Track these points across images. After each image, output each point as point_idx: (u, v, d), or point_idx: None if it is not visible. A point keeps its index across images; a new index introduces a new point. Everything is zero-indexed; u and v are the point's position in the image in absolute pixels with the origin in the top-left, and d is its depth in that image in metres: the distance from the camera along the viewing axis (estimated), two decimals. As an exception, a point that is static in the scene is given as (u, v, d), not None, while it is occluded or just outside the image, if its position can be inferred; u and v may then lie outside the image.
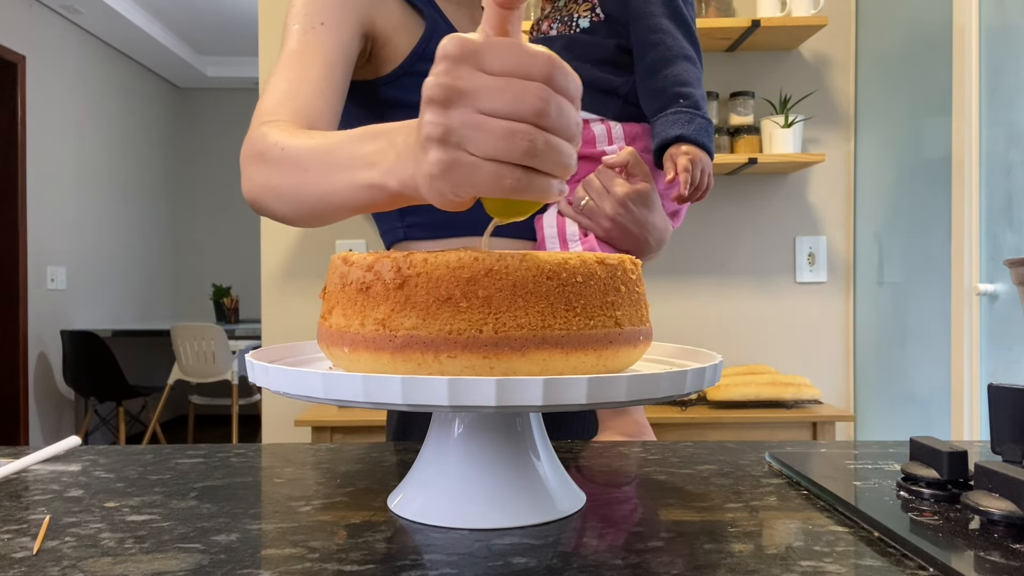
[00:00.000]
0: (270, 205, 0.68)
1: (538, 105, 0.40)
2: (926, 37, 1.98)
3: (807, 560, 0.41)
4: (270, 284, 2.40)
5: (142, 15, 4.92)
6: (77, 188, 4.79)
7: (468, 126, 0.41)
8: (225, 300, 5.15)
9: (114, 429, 4.61)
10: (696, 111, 0.86)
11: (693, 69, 0.88)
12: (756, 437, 2.09)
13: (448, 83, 0.41)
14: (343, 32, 0.80)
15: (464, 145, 0.41)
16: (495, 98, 0.40)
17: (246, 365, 0.50)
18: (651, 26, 0.88)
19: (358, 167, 0.55)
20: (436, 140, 0.42)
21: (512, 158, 0.41)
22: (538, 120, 0.41)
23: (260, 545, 0.43)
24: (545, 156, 0.41)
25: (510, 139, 0.40)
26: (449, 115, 0.41)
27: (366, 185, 0.54)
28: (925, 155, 1.98)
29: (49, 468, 0.62)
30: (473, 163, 0.41)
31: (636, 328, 0.49)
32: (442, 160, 0.42)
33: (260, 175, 0.68)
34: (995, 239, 1.69)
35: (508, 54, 0.41)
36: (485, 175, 0.41)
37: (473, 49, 0.41)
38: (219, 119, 6.31)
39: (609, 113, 0.92)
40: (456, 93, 0.41)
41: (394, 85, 0.88)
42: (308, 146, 0.63)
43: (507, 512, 0.47)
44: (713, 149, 0.87)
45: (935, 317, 1.91)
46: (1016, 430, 0.52)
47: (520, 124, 0.40)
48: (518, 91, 0.40)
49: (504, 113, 0.40)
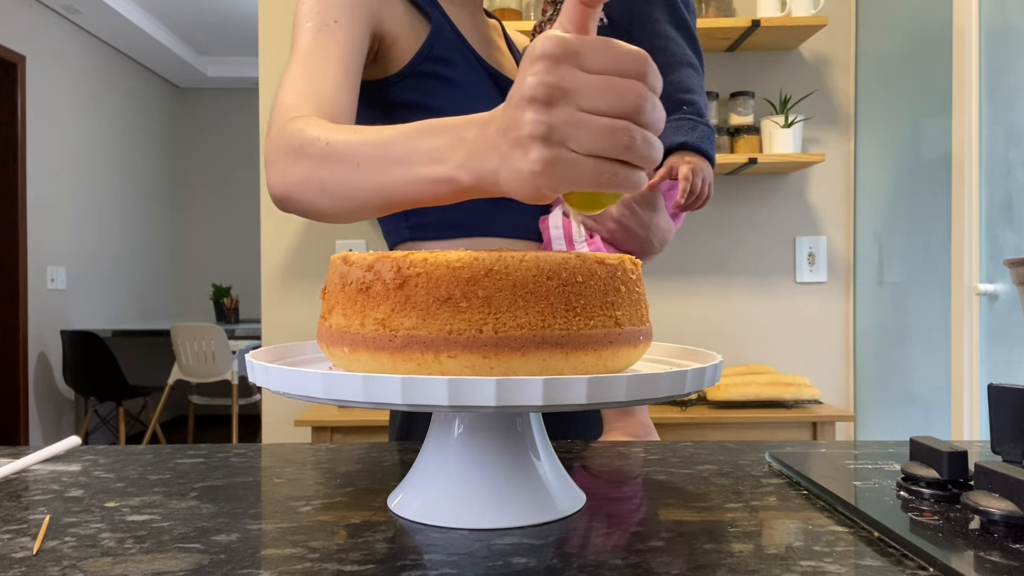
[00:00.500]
0: (311, 199, 0.67)
1: (637, 102, 0.42)
2: (926, 37, 1.98)
3: (807, 560, 0.41)
4: (270, 284, 2.40)
5: (142, 15, 4.92)
6: (77, 188, 4.79)
7: (571, 124, 0.42)
8: (225, 300, 5.15)
9: (114, 429, 4.61)
10: (699, 118, 0.87)
11: (696, 76, 0.90)
12: (756, 437, 2.09)
13: (551, 82, 0.42)
14: (355, 30, 0.81)
15: (566, 142, 0.42)
16: (597, 96, 0.42)
17: (246, 365, 0.50)
18: (655, 32, 0.90)
19: (420, 162, 0.56)
20: (540, 138, 0.43)
21: (612, 154, 0.42)
22: (636, 117, 0.42)
23: (260, 545, 0.43)
24: (641, 151, 0.42)
25: (611, 136, 0.42)
26: (552, 113, 0.42)
27: (432, 179, 0.55)
28: (925, 155, 1.98)
29: (49, 468, 0.62)
30: (575, 159, 0.42)
31: (636, 328, 0.49)
32: (545, 158, 0.43)
33: (299, 169, 0.67)
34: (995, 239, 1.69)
35: (606, 53, 0.42)
36: (585, 171, 0.42)
37: (574, 48, 0.42)
38: (219, 119, 6.31)
39: None
40: (559, 92, 0.42)
41: (401, 85, 0.88)
42: (357, 140, 0.63)
43: (507, 512, 0.47)
44: (715, 156, 0.88)
45: (935, 317, 1.91)
46: (1016, 430, 0.52)
47: (620, 121, 0.42)
48: (619, 89, 0.42)
49: (605, 111, 0.42)
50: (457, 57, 0.90)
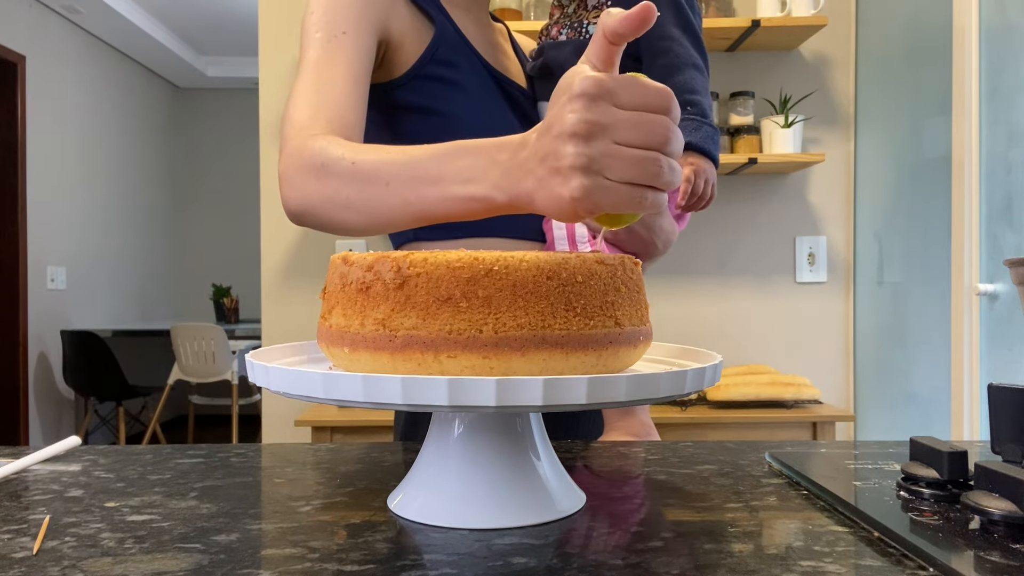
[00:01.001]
0: (333, 215, 0.71)
1: (665, 135, 0.47)
2: (926, 37, 1.98)
3: (807, 560, 0.41)
4: (270, 284, 2.40)
5: (142, 15, 4.92)
6: (77, 188, 4.79)
7: (608, 155, 0.47)
8: (225, 300, 5.15)
9: (114, 429, 4.61)
10: (703, 119, 0.87)
11: (700, 77, 0.90)
12: (756, 437, 2.09)
13: (591, 119, 0.47)
14: (363, 40, 0.82)
15: (604, 172, 0.47)
16: (630, 131, 0.47)
17: (246, 365, 0.50)
18: (660, 33, 0.90)
19: (452, 181, 0.60)
20: (580, 168, 0.48)
21: (643, 180, 0.47)
22: (664, 148, 0.47)
23: (260, 545, 0.43)
24: (666, 177, 0.48)
25: (643, 166, 0.47)
26: (591, 147, 0.47)
27: (465, 198, 0.60)
28: (925, 155, 1.98)
29: (49, 468, 0.62)
30: (611, 187, 0.47)
31: (636, 328, 0.49)
32: (585, 186, 0.47)
33: (323, 187, 0.70)
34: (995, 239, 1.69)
35: (636, 91, 0.47)
36: (620, 196, 0.48)
37: (608, 88, 0.47)
38: (219, 119, 6.31)
39: None
40: (598, 128, 0.47)
41: (405, 88, 0.89)
42: (385, 160, 0.67)
43: (507, 512, 0.47)
44: (718, 157, 0.89)
45: (935, 317, 1.91)
46: (1016, 430, 0.52)
47: (650, 152, 0.47)
48: (649, 124, 0.47)
49: (638, 143, 0.47)
50: (461, 60, 0.91)
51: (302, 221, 0.74)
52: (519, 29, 2.10)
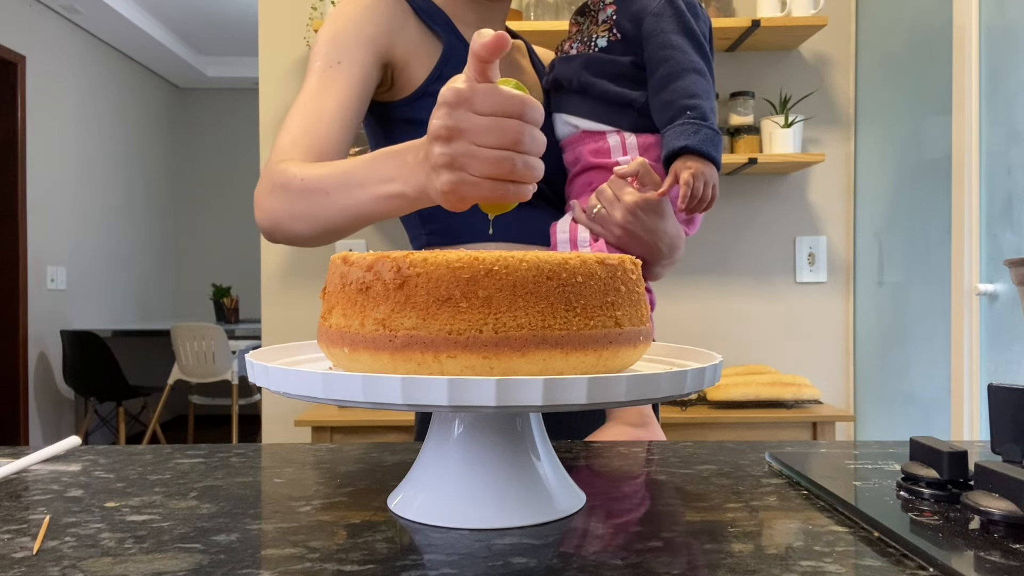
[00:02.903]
0: (291, 227, 0.80)
1: (516, 137, 0.55)
2: (926, 37, 1.98)
3: (807, 560, 0.41)
4: (270, 284, 2.40)
5: (142, 15, 4.92)
6: (77, 188, 4.79)
7: (467, 155, 0.56)
8: (225, 300, 5.14)
9: (114, 429, 4.61)
10: (703, 122, 0.88)
11: (702, 81, 0.91)
12: (756, 437, 2.09)
13: (450, 124, 0.55)
14: (359, 69, 0.89)
15: (466, 169, 0.56)
16: (485, 134, 0.55)
17: (246, 365, 0.50)
18: (662, 43, 0.92)
19: (376, 183, 0.70)
20: (445, 166, 0.57)
21: (501, 176, 0.55)
22: (516, 148, 0.55)
23: (260, 545, 0.43)
24: (523, 172, 0.56)
25: (498, 164, 0.55)
26: (452, 147, 0.56)
27: (387, 196, 0.70)
28: (925, 155, 1.98)
29: (49, 468, 0.62)
30: (474, 182, 0.56)
31: (636, 328, 0.49)
32: (451, 181, 0.57)
33: (282, 203, 0.80)
34: (995, 239, 1.69)
35: (492, 98, 0.55)
36: (483, 189, 0.56)
37: (467, 97, 0.55)
38: (219, 119, 6.31)
39: (624, 125, 0.96)
40: (456, 132, 0.56)
41: (414, 107, 0.94)
42: (326, 173, 0.76)
43: (507, 512, 0.47)
44: (720, 159, 0.89)
45: (935, 317, 1.91)
46: (1016, 430, 0.52)
47: (504, 152, 0.55)
48: (502, 128, 0.55)
49: (493, 144, 0.55)
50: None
51: (273, 238, 0.82)
52: (520, 29, 2.10)
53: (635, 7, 0.95)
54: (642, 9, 0.94)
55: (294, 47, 2.38)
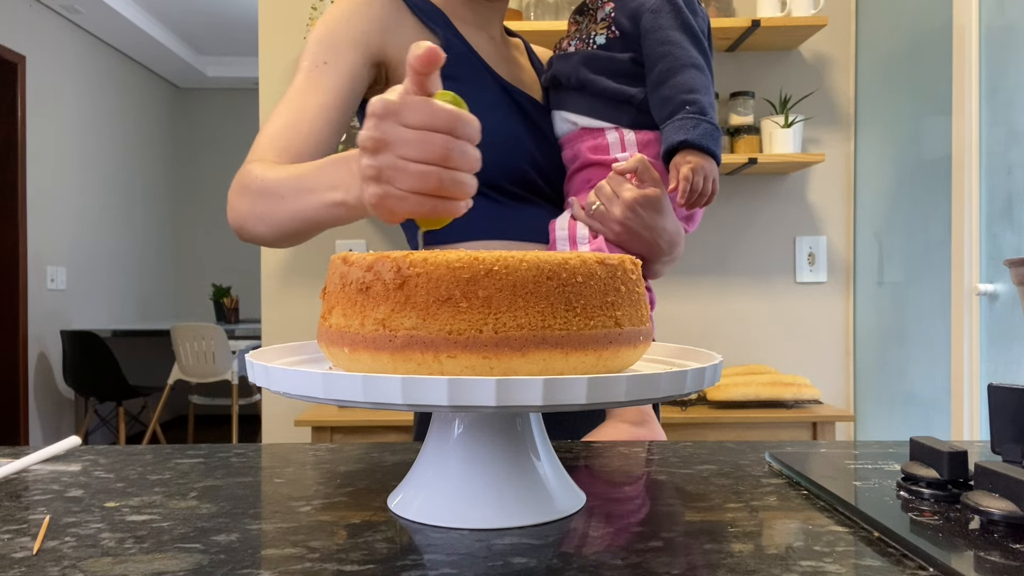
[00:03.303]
0: (253, 228, 0.80)
1: (443, 152, 0.53)
2: (926, 37, 1.98)
3: (807, 560, 0.41)
4: (270, 284, 2.40)
5: (142, 15, 4.92)
6: (77, 188, 4.79)
7: (392, 168, 0.54)
8: (225, 300, 5.14)
9: (114, 429, 4.61)
10: (701, 116, 0.88)
11: (700, 76, 0.91)
12: (756, 437, 2.09)
13: (376, 136, 0.54)
14: (346, 69, 0.89)
15: (392, 182, 0.54)
16: (411, 148, 0.53)
17: (246, 365, 0.50)
18: (660, 39, 0.92)
19: (323, 189, 0.70)
20: (371, 179, 0.55)
21: (427, 191, 0.54)
22: (444, 163, 0.53)
23: (260, 545, 0.43)
24: (451, 187, 0.54)
25: (424, 179, 0.53)
26: (378, 159, 0.54)
27: (332, 203, 0.69)
28: (925, 155, 1.98)
29: (49, 468, 0.62)
30: (400, 195, 0.54)
31: (636, 328, 0.49)
32: (377, 194, 0.56)
33: (244, 204, 0.80)
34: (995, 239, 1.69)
35: (420, 111, 0.53)
36: (409, 204, 0.54)
37: (395, 109, 0.53)
38: (219, 119, 6.31)
39: (624, 122, 0.96)
40: (382, 144, 0.54)
41: None
42: (283, 176, 0.76)
43: (507, 512, 0.47)
44: (720, 153, 0.89)
45: (935, 317, 1.91)
46: (1016, 430, 0.52)
47: (431, 167, 0.53)
48: (428, 143, 0.53)
49: (419, 159, 0.53)
50: (468, 74, 0.94)
51: (242, 236, 0.83)
52: (520, 29, 2.10)
53: (633, 4, 0.95)
54: (640, 6, 0.94)
55: (294, 47, 2.38)
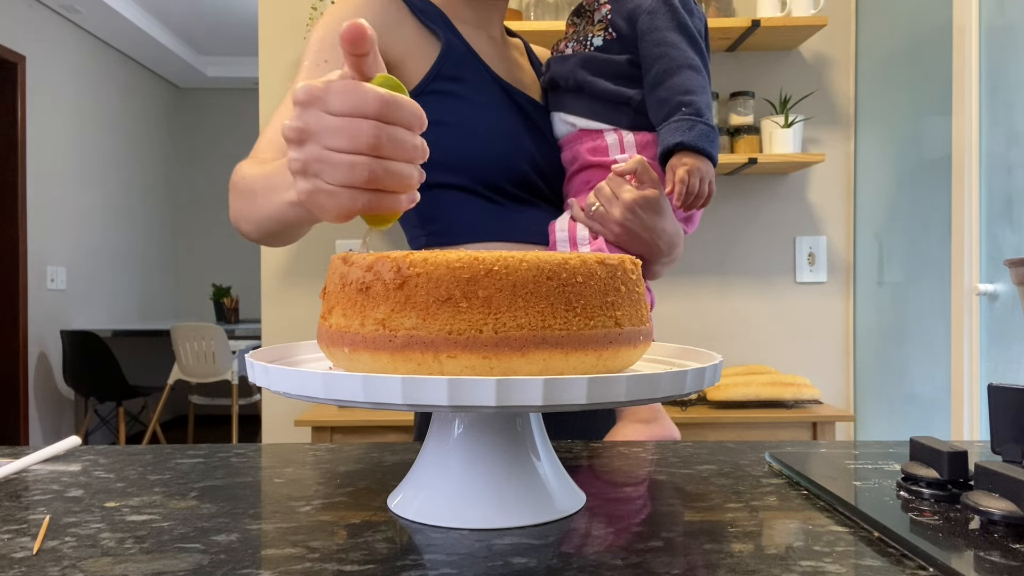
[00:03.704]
0: (242, 227, 0.80)
1: (371, 141, 0.47)
2: (926, 37, 1.98)
3: (807, 560, 0.41)
4: (270, 284, 2.40)
5: (142, 15, 4.92)
6: (77, 188, 4.79)
7: (319, 160, 0.48)
8: (225, 300, 5.14)
9: (114, 429, 4.61)
10: (697, 118, 0.88)
11: (697, 77, 0.91)
12: (756, 437, 2.09)
13: (299, 126, 0.48)
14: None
15: (320, 176, 0.49)
16: (336, 137, 0.47)
17: (246, 365, 0.50)
18: (657, 40, 0.92)
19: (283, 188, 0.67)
20: (299, 173, 0.50)
21: (359, 184, 0.48)
22: (373, 152, 0.47)
23: (260, 545, 0.43)
24: (386, 179, 0.48)
25: (352, 170, 0.47)
26: (303, 151, 0.49)
27: (290, 203, 0.66)
28: (925, 155, 1.98)
29: (49, 468, 0.62)
30: (331, 190, 0.48)
31: (636, 328, 0.49)
32: (306, 189, 0.50)
33: (233, 202, 0.80)
34: (995, 239, 1.69)
35: (346, 96, 0.47)
36: (340, 199, 0.48)
37: (316, 95, 0.48)
38: (219, 119, 6.31)
39: (622, 123, 0.96)
40: (306, 134, 0.48)
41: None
42: (257, 174, 0.75)
43: (507, 512, 0.47)
44: (716, 154, 0.89)
45: (935, 317, 1.91)
46: (1016, 430, 0.52)
47: (359, 156, 0.47)
48: (354, 130, 0.47)
49: (345, 149, 0.47)
50: (468, 75, 0.95)
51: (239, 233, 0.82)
52: (519, 29, 2.10)
53: (630, 5, 0.95)
54: (636, 7, 0.94)
55: (294, 47, 2.38)
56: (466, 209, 0.94)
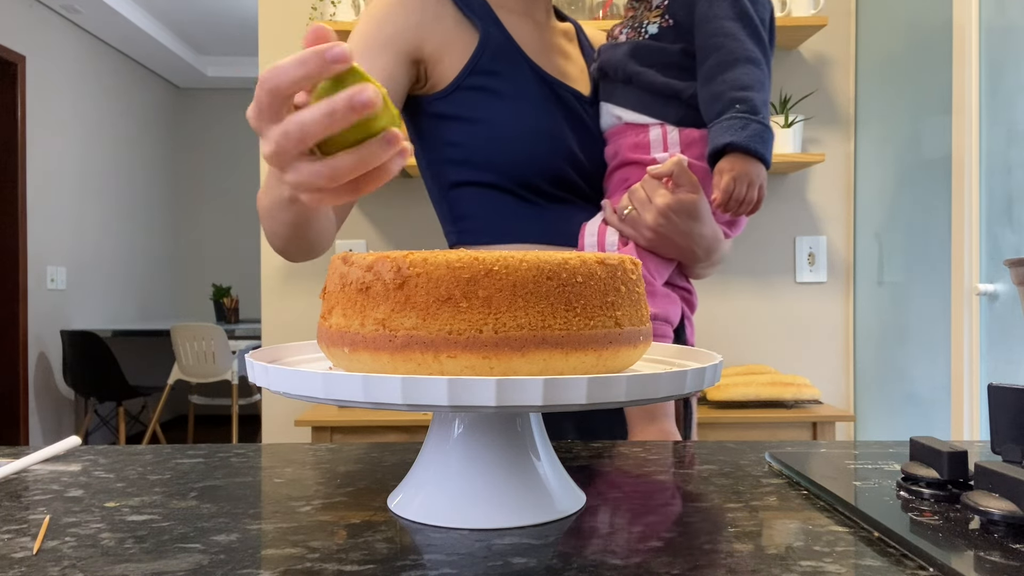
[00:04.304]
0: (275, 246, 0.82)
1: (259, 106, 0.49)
2: (926, 37, 1.98)
3: (807, 560, 0.41)
4: (270, 284, 2.40)
5: (142, 15, 4.92)
6: (77, 188, 4.79)
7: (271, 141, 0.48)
8: (225, 300, 5.14)
9: (114, 429, 4.61)
10: (751, 116, 0.82)
11: (755, 71, 0.85)
12: (756, 437, 2.09)
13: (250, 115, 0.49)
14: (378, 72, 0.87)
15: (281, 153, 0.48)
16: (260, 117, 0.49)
17: (246, 365, 0.50)
18: (714, 30, 0.86)
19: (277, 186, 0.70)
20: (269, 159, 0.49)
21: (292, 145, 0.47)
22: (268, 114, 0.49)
23: (260, 545, 0.43)
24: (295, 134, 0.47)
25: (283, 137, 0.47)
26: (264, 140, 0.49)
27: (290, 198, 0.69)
28: (925, 155, 1.98)
29: (49, 468, 0.62)
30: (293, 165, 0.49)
31: (636, 328, 0.49)
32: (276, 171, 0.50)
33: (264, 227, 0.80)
34: (995, 239, 1.69)
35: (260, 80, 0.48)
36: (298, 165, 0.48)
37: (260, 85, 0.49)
38: (219, 119, 6.31)
39: (670, 118, 0.91)
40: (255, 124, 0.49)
41: (447, 101, 0.91)
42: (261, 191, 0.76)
43: (507, 512, 0.47)
44: (768, 156, 0.83)
45: (935, 317, 1.91)
46: (1016, 430, 0.52)
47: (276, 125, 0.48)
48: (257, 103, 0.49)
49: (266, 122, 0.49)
50: (506, 68, 0.91)
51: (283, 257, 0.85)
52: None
53: None
54: None
55: (294, 47, 2.38)
56: (496, 208, 0.92)
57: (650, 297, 0.88)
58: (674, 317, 0.91)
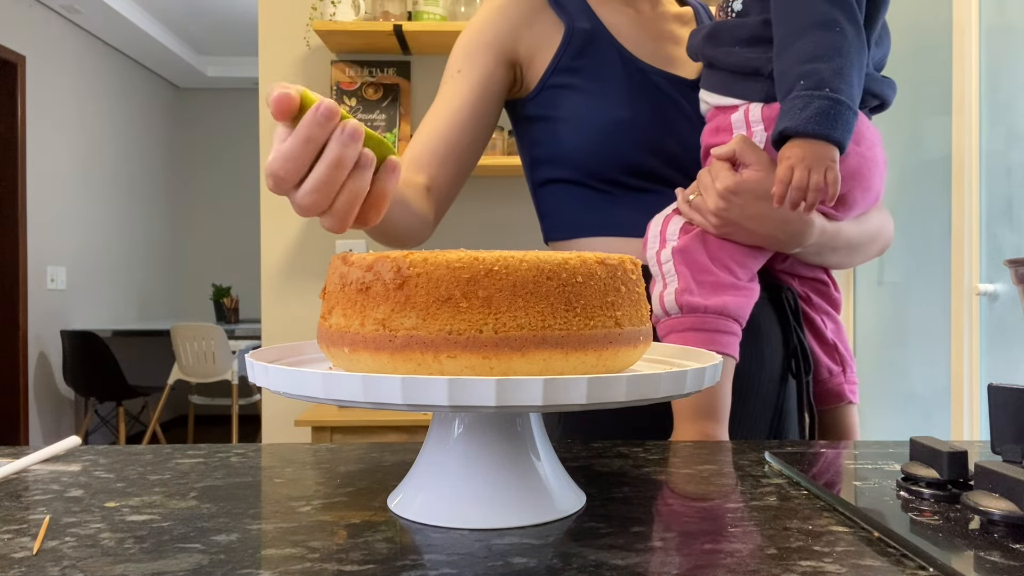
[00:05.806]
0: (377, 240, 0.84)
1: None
2: (926, 37, 1.98)
3: (807, 560, 0.41)
4: (270, 284, 2.40)
5: (142, 15, 4.92)
6: (77, 188, 4.79)
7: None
8: (225, 300, 5.14)
9: (114, 429, 4.61)
10: (815, 91, 0.72)
11: (827, 37, 0.74)
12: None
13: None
14: (478, 75, 0.89)
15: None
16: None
17: (246, 365, 0.50)
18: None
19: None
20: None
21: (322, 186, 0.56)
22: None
23: (260, 545, 0.43)
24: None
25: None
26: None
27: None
28: (925, 155, 1.98)
29: (49, 468, 0.62)
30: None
31: (636, 328, 0.49)
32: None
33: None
34: (995, 239, 1.69)
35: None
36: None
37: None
38: (219, 119, 6.31)
39: (754, 96, 0.83)
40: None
41: (534, 101, 0.93)
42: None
43: (507, 512, 0.47)
44: (837, 134, 0.71)
45: (935, 317, 1.91)
46: (1016, 430, 0.52)
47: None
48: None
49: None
50: (590, 61, 0.90)
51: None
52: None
53: None
54: None
55: (294, 47, 2.38)
56: (572, 203, 0.92)
57: (712, 288, 0.80)
58: (738, 312, 0.81)
